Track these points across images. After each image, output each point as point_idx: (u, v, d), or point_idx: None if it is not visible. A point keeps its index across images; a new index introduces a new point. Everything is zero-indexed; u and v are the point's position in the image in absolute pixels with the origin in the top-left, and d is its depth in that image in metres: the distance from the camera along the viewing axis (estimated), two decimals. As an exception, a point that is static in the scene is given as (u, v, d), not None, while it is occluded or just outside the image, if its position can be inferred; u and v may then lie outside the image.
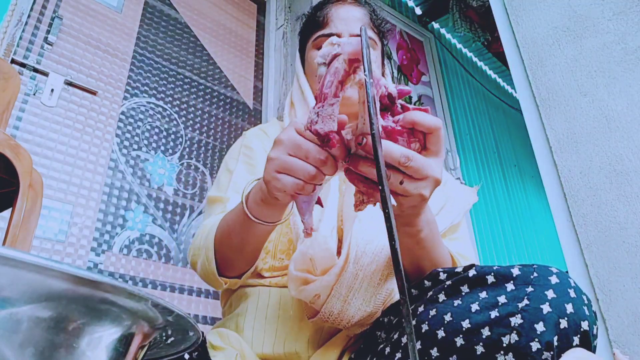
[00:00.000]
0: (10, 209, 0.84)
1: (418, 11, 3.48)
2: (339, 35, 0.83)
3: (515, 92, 2.40)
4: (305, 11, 0.95)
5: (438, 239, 0.63)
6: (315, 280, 0.64)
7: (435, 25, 3.60)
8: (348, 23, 0.84)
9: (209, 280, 0.73)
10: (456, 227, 0.80)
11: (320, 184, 0.50)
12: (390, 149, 0.44)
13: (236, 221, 0.65)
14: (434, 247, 0.62)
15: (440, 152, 0.48)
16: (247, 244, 0.67)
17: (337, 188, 0.75)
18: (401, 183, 0.46)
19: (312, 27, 0.89)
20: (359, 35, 0.80)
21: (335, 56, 0.44)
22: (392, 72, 2.71)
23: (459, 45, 3.86)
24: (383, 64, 0.92)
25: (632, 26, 1.29)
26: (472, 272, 0.54)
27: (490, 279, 0.52)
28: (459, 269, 0.56)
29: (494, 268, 0.54)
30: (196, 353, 0.64)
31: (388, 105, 0.45)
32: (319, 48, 0.85)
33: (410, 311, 0.53)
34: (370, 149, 0.41)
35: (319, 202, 0.55)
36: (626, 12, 1.31)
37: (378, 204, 0.48)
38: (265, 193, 0.55)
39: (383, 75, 0.92)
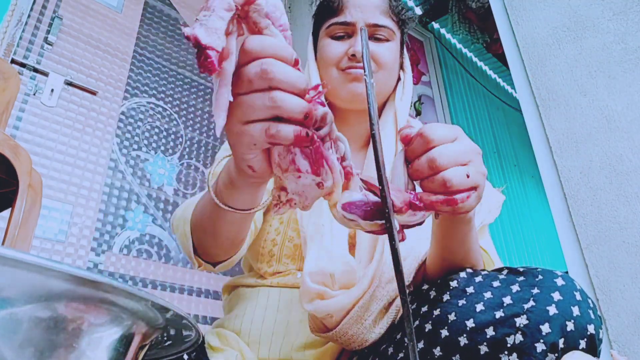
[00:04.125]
0: (10, 209, 0.84)
1: (418, 11, 3.48)
2: (353, 25, 0.78)
3: (515, 92, 2.40)
4: (304, 12, 0.91)
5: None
6: (332, 297, 0.61)
7: (435, 26, 3.60)
8: (364, 10, 0.79)
9: (187, 254, 0.67)
10: (484, 227, 0.77)
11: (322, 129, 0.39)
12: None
13: (206, 205, 0.58)
14: (476, 236, 0.59)
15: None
16: (219, 233, 0.60)
17: None
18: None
19: (326, 12, 0.83)
20: (376, 25, 0.78)
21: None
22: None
23: (459, 45, 3.85)
24: (402, 55, 0.87)
25: (632, 26, 1.28)
26: (478, 278, 0.54)
27: (496, 283, 0.52)
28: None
29: (500, 272, 0.53)
30: (194, 353, 0.64)
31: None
32: (332, 36, 0.81)
33: (411, 311, 0.53)
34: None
35: (400, 230, 0.43)
36: (626, 12, 1.31)
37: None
38: (234, 170, 0.46)
39: (402, 67, 0.87)
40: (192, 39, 0.34)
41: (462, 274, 0.56)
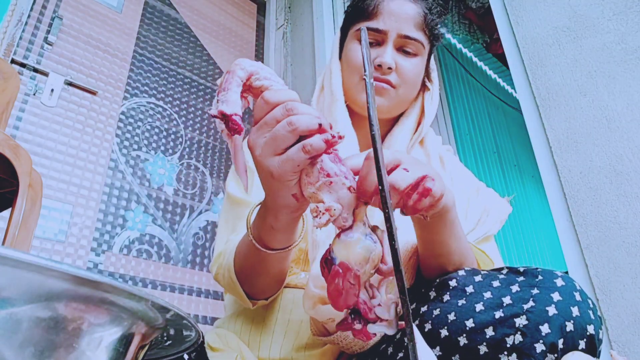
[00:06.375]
0: (10, 209, 0.84)
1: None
2: (385, 33, 0.76)
3: (515, 92, 2.40)
4: (304, 11, 0.90)
5: (460, 225, 0.60)
6: None
7: (435, 25, 3.59)
8: (399, 20, 0.76)
9: (239, 298, 0.69)
10: (490, 237, 0.77)
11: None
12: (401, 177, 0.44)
13: (249, 253, 0.60)
14: (462, 234, 0.59)
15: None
16: (270, 272, 0.63)
17: None
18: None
19: (358, 15, 0.80)
20: (407, 37, 0.77)
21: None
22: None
23: (459, 46, 3.85)
24: (428, 66, 0.86)
25: (632, 26, 1.28)
26: (478, 278, 0.54)
27: (496, 283, 0.52)
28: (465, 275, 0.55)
29: (500, 272, 0.53)
30: (194, 353, 0.64)
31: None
32: (360, 40, 0.78)
33: (411, 311, 0.53)
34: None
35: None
36: (626, 12, 1.31)
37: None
38: (272, 216, 0.50)
39: (430, 79, 0.86)
40: (219, 114, 0.43)
41: (462, 273, 0.56)
